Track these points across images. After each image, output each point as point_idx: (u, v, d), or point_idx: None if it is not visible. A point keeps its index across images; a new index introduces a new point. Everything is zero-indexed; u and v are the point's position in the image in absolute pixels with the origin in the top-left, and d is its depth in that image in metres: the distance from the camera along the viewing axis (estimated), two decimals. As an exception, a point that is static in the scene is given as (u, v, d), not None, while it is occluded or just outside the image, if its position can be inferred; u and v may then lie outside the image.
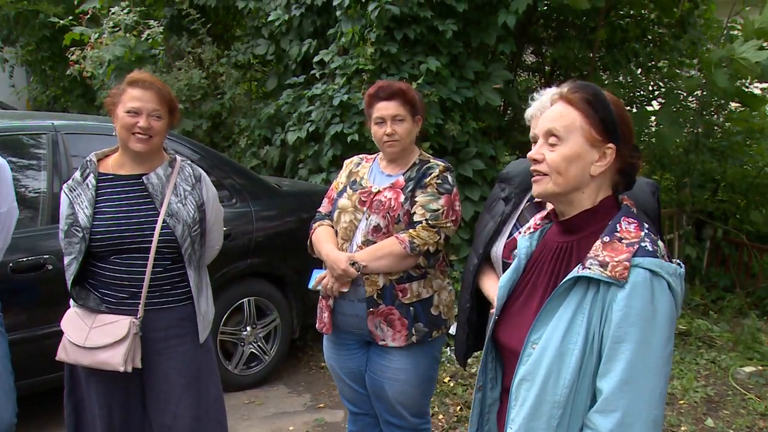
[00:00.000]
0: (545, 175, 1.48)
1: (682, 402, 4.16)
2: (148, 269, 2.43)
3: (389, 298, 2.52)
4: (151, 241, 2.42)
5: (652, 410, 1.36)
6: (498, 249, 2.30)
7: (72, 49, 6.58)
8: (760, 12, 5.34)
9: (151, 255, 2.42)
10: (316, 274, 2.63)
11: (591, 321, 1.40)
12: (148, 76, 2.49)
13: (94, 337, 2.40)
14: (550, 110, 1.51)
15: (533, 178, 1.52)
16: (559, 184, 1.47)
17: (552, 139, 1.47)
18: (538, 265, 1.58)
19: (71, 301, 2.52)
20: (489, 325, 1.68)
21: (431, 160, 2.61)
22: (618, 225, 1.44)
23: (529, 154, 1.53)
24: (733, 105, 6.53)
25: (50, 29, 9.09)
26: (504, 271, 2.22)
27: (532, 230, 1.67)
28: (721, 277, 6.47)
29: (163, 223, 2.43)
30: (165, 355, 2.51)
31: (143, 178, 2.48)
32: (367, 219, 2.53)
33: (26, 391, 3.49)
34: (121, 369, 2.37)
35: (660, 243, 1.43)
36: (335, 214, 2.63)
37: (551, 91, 2.19)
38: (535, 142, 1.53)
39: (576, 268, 1.43)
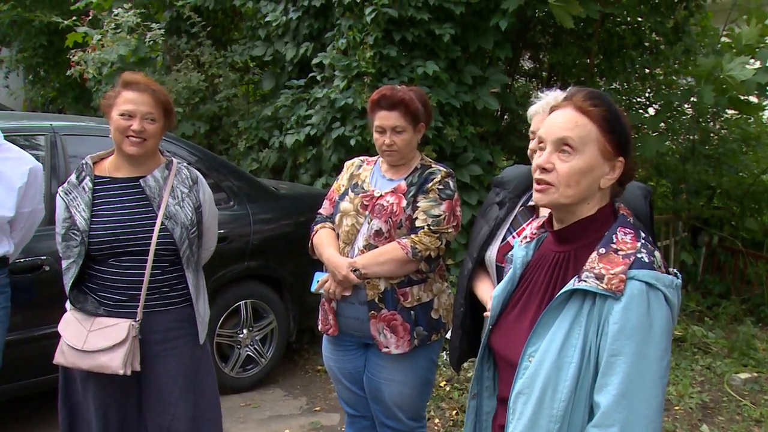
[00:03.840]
0: (552, 185, 1.44)
1: (677, 408, 4.17)
2: (147, 272, 2.42)
3: (391, 302, 2.52)
4: (150, 243, 2.41)
5: (650, 423, 1.35)
6: (492, 253, 2.31)
7: (73, 50, 6.57)
8: (748, 23, 5.35)
9: (150, 258, 2.41)
10: (318, 277, 2.63)
11: (588, 334, 1.39)
12: (143, 78, 2.47)
13: (93, 340, 2.39)
14: (559, 116, 1.46)
15: (538, 187, 1.47)
16: (568, 197, 1.44)
17: (565, 149, 1.43)
18: (535, 274, 1.57)
19: (67, 304, 2.50)
20: (483, 334, 1.67)
21: (433, 165, 2.62)
22: (614, 236, 1.43)
23: (537, 162, 1.46)
24: (729, 112, 6.56)
25: (46, 34, 9.10)
26: (498, 275, 2.23)
27: (528, 240, 1.65)
28: (717, 283, 6.49)
29: (161, 225, 2.43)
30: (163, 356, 2.51)
31: (140, 180, 2.47)
32: (369, 223, 2.53)
33: (22, 392, 3.49)
34: (121, 372, 2.36)
35: (657, 254, 1.41)
36: (337, 217, 2.63)
37: (555, 93, 2.19)
38: (541, 143, 1.50)
39: (572, 281, 1.42)
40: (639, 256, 1.38)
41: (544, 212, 2.10)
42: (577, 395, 1.39)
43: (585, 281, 1.38)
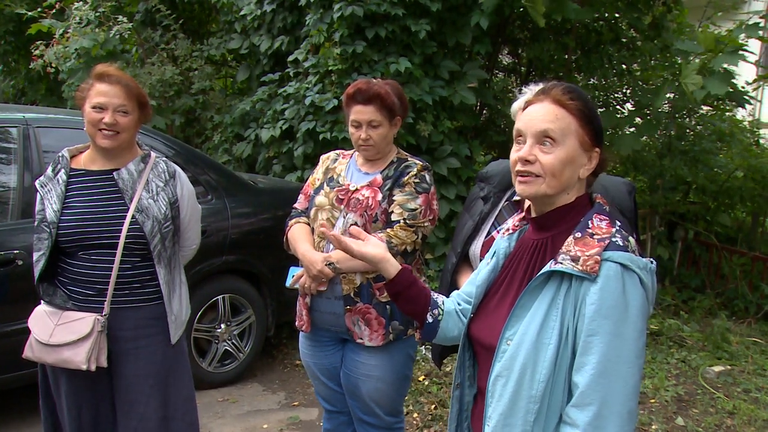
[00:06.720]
0: (537, 176, 1.48)
1: (653, 401, 4.21)
2: (115, 266, 2.38)
3: (366, 296, 2.51)
4: (119, 236, 2.37)
5: (627, 402, 1.38)
6: (476, 248, 2.31)
7: (37, 43, 6.45)
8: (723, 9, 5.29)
9: (119, 251, 2.38)
10: (293, 272, 2.60)
11: (565, 315, 1.42)
12: (115, 71, 2.44)
13: (59, 334, 2.36)
14: (539, 109, 1.49)
15: (522, 179, 1.50)
16: (552, 187, 1.48)
17: (547, 141, 1.47)
18: (515, 262, 1.60)
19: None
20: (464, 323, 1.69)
21: (409, 159, 2.60)
22: (590, 221, 1.47)
23: (520, 155, 1.49)
24: (704, 108, 6.63)
25: (15, 22, 8.92)
26: (482, 270, 2.23)
27: (510, 231, 1.68)
28: (692, 277, 6.57)
29: (132, 218, 2.39)
30: (134, 354, 2.46)
31: (114, 173, 2.44)
32: (344, 217, 2.51)
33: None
34: (84, 367, 2.32)
35: (631, 239, 1.45)
36: (312, 212, 2.61)
37: (538, 88, 2.19)
38: (520, 136, 1.52)
39: (549, 263, 1.45)
40: (614, 239, 1.42)
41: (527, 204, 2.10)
42: (556, 376, 1.42)
43: (561, 263, 1.42)
